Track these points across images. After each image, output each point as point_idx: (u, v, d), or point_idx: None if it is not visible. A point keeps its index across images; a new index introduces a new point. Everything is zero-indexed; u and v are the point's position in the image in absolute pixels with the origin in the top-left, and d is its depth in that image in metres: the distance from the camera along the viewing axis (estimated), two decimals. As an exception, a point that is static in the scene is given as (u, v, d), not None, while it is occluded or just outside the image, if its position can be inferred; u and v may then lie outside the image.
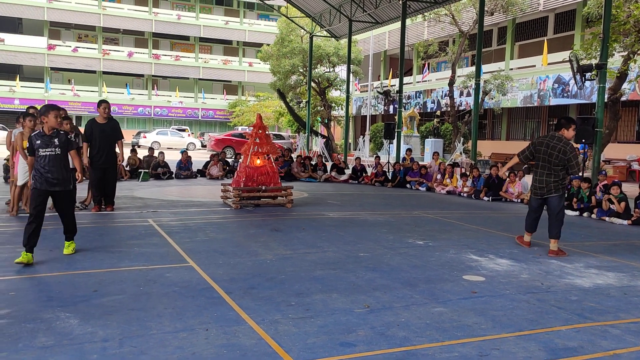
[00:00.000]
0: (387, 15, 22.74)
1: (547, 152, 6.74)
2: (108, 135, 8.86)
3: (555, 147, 6.68)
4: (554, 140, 6.73)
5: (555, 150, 6.65)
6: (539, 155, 6.83)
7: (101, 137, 8.79)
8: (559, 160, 6.62)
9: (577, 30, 23.39)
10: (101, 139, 8.79)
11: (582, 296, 4.87)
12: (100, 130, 8.81)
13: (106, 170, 8.87)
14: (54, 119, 5.65)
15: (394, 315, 4.19)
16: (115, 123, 9.12)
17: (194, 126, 50.49)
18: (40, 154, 5.58)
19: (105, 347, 3.42)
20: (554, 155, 6.67)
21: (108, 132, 8.86)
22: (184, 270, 5.34)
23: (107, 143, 8.87)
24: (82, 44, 47.96)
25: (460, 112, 25.24)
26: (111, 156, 8.92)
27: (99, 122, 8.91)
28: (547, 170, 6.76)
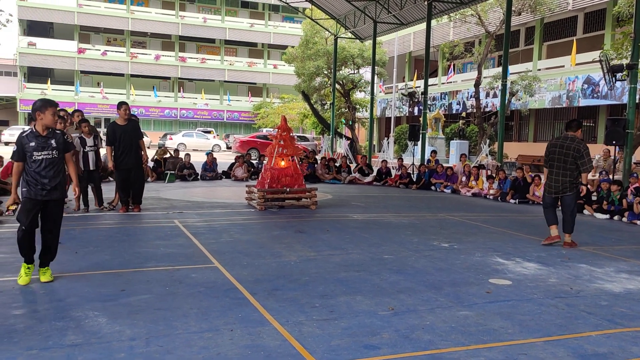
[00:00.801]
0: (412, 17, 22.59)
1: (562, 152, 7.12)
2: (130, 135, 8.91)
3: (570, 147, 7.07)
4: (567, 141, 7.13)
5: (571, 149, 7.04)
6: (553, 157, 7.24)
7: (123, 138, 8.83)
8: (574, 159, 7.02)
9: (607, 29, 22.87)
10: (124, 140, 8.84)
11: (612, 301, 4.76)
12: (122, 132, 8.86)
13: (130, 171, 8.90)
14: (52, 116, 4.81)
15: (418, 318, 4.16)
16: (135, 123, 9.14)
17: (219, 128, 50.98)
18: (35, 158, 4.74)
19: (132, 346, 3.47)
20: (570, 154, 7.05)
21: (130, 133, 8.92)
22: (209, 271, 5.39)
23: (130, 144, 8.92)
24: (110, 48, 48.93)
25: (486, 114, 24.92)
26: (135, 157, 8.95)
27: (120, 124, 8.95)
28: (562, 170, 7.15)
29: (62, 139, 4.91)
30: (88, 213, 8.85)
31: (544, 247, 7.15)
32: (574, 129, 7.21)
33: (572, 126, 7.24)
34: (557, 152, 7.18)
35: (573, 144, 7.07)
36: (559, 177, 7.18)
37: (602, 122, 22.53)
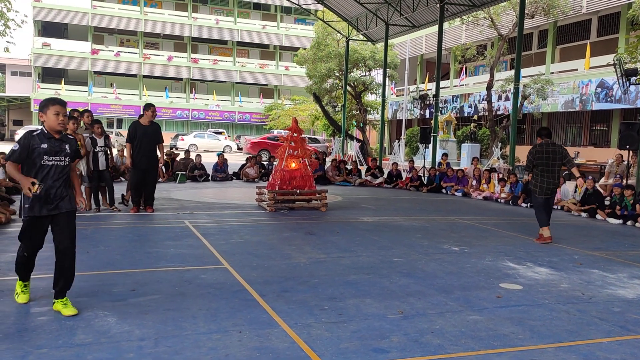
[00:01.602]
0: (424, 19, 22.53)
1: (549, 157, 7.86)
2: (150, 137, 9.02)
3: (555, 151, 7.90)
4: (551, 146, 7.91)
5: (557, 153, 7.87)
6: (542, 162, 7.88)
7: (143, 139, 8.94)
8: (560, 161, 7.86)
9: (621, 33, 22.65)
10: (143, 141, 8.94)
11: (625, 307, 4.70)
12: (143, 132, 8.97)
13: (146, 172, 9.02)
14: (54, 116, 4.07)
15: (428, 322, 4.13)
16: (157, 127, 9.29)
17: (231, 129, 51.16)
18: (44, 163, 4.03)
19: (141, 346, 3.48)
20: (557, 158, 7.87)
21: (150, 135, 9.03)
22: (219, 272, 5.40)
23: (149, 145, 9.03)
24: (124, 49, 49.29)
25: (498, 117, 24.77)
26: (152, 158, 9.07)
27: (143, 124, 9.07)
28: (552, 173, 7.88)
29: (76, 146, 4.31)
30: (99, 213, 8.91)
31: (555, 252, 7.08)
32: (550, 135, 8.05)
33: (548, 134, 8.05)
34: (546, 158, 7.85)
35: (557, 148, 7.91)
36: (551, 180, 7.88)
37: (615, 126, 22.29)
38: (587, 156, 23.11)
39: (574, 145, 25.21)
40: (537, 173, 7.95)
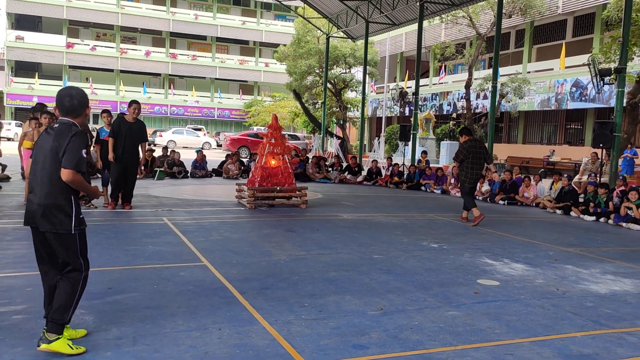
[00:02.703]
0: (404, 17, 22.64)
1: (477, 151, 9.21)
2: (134, 134, 8.94)
3: (480, 147, 9.37)
4: (477, 143, 9.42)
5: (482, 149, 9.35)
6: (473, 155, 9.15)
7: (127, 135, 8.85)
8: (484, 157, 9.30)
9: (596, 33, 23.09)
10: (127, 138, 8.85)
11: (598, 302, 4.81)
12: (128, 129, 8.88)
13: (127, 168, 8.94)
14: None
15: (407, 318, 4.17)
16: (142, 125, 9.20)
17: (210, 126, 50.78)
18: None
19: (119, 345, 3.45)
20: (482, 154, 9.27)
21: (135, 132, 8.95)
22: (198, 270, 5.37)
23: (132, 142, 8.94)
24: (100, 43, 48.52)
25: (477, 115, 25.05)
26: (134, 155, 9.01)
27: (128, 121, 8.97)
28: (479, 164, 9.25)
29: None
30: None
31: (531, 248, 7.21)
32: (471, 134, 9.57)
33: (469, 132, 9.57)
34: (474, 152, 9.16)
35: (481, 144, 9.47)
36: (478, 171, 9.30)
37: (589, 125, 22.73)
38: (562, 154, 23.53)
39: (549, 143, 25.63)
40: (467, 165, 9.19)
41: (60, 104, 3.43)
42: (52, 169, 3.31)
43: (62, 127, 3.37)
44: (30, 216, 3.36)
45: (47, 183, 3.32)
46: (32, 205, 3.35)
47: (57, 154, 3.29)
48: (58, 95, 3.46)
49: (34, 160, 3.43)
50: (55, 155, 3.30)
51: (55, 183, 3.31)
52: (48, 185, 3.31)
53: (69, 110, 3.42)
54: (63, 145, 3.28)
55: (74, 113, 3.43)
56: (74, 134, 3.33)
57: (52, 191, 3.31)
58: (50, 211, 3.29)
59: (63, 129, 3.36)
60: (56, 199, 3.31)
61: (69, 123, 3.40)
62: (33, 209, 3.34)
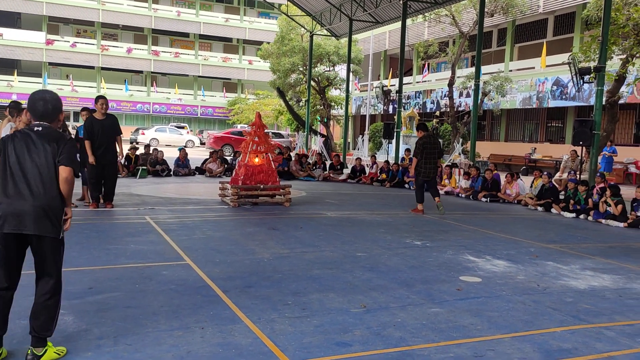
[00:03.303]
0: (387, 15, 22.72)
1: (433, 147, 9.79)
2: (107, 131, 8.79)
3: (435, 142, 9.94)
4: (432, 138, 10.02)
5: (436, 144, 9.95)
6: (428, 150, 9.67)
7: (101, 133, 8.71)
8: (438, 152, 9.87)
9: (576, 32, 23.39)
10: (101, 136, 8.72)
11: (577, 298, 4.88)
12: (100, 126, 8.73)
13: (105, 167, 8.80)
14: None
15: (390, 315, 4.19)
16: (114, 119, 9.05)
17: (193, 123, 50.43)
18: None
19: (99, 345, 3.41)
20: (436, 148, 9.85)
21: (107, 128, 8.80)
22: (181, 268, 5.34)
23: (107, 139, 8.79)
24: (80, 40, 47.85)
25: (460, 113, 25.23)
26: (110, 153, 8.86)
27: (98, 118, 8.82)
28: (433, 159, 9.77)
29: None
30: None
31: (513, 245, 7.29)
32: (427, 129, 9.99)
33: (426, 128, 10.01)
34: (429, 147, 9.70)
35: (436, 140, 10.02)
36: (432, 166, 9.76)
37: (570, 123, 23.04)
38: (543, 152, 23.82)
39: (531, 141, 25.93)
40: (421, 160, 9.70)
41: (33, 108, 3.30)
42: (49, 171, 3.21)
43: (51, 131, 3.29)
44: (17, 221, 3.14)
45: (44, 184, 3.19)
46: (19, 209, 3.13)
47: (54, 156, 3.21)
48: (31, 99, 3.31)
49: (10, 163, 3.20)
50: (53, 157, 3.21)
51: (54, 185, 3.22)
52: (45, 187, 3.19)
53: (42, 115, 3.30)
54: (60, 148, 3.23)
55: (48, 118, 3.32)
56: (70, 139, 3.32)
57: (51, 193, 3.21)
58: (47, 213, 3.18)
59: (53, 133, 3.29)
60: (54, 201, 3.22)
61: (53, 129, 3.32)
62: (22, 212, 3.13)
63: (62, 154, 3.23)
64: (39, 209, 3.15)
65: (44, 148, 3.21)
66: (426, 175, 9.78)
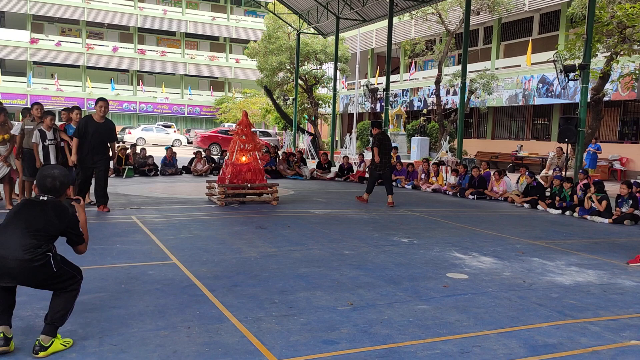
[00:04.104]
0: (374, 13, 22.76)
1: (388, 143, 10.79)
2: (102, 135, 8.37)
3: (388, 139, 10.93)
4: (386, 135, 11.09)
5: (389, 141, 10.91)
6: (382, 146, 10.55)
7: (95, 136, 8.28)
8: (391, 147, 11.04)
9: (561, 30, 23.60)
10: (94, 139, 8.28)
11: (562, 293, 4.93)
12: (96, 129, 8.30)
13: (94, 170, 8.47)
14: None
15: (377, 312, 4.20)
16: (111, 124, 8.66)
17: (180, 122, 50.16)
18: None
19: (84, 346, 3.38)
20: (389, 144, 10.86)
21: (102, 132, 8.38)
22: (167, 268, 5.30)
23: (100, 144, 8.38)
24: (65, 38, 47.35)
25: (447, 111, 25.37)
26: (103, 157, 8.46)
27: (96, 120, 8.39)
28: (388, 155, 10.66)
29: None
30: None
31: (499, 242, 7.34)
32: (381, 126, 10.97)
33: (380, 125, 11.08)
34: (385, 144, 10.56)
35: (388, 137, 11.09)
36: (388, 160, 10.58)
37: (555, 121, 23.25)
38: (530, 149, 24.02)
39: (517, 138, 26.13)
40: (383, 153, 10.50)
41: (42, 184, 3.42)
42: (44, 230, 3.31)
43: (58, 203, 3.41)
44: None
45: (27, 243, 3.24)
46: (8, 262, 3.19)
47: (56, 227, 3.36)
48: (40, 176, 3.45)
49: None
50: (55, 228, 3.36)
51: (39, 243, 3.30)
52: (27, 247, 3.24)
53: (50, 190, 3.43)
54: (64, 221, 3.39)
55: (56, 194, 3.44)
56: (73, 215, 3.47)
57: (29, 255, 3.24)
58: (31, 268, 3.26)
59: (59, 205, 3.41)
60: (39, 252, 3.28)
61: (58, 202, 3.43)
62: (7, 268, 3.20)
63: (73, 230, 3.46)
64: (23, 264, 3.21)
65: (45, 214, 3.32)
66: (382, 169, 10.53)
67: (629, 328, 4.06)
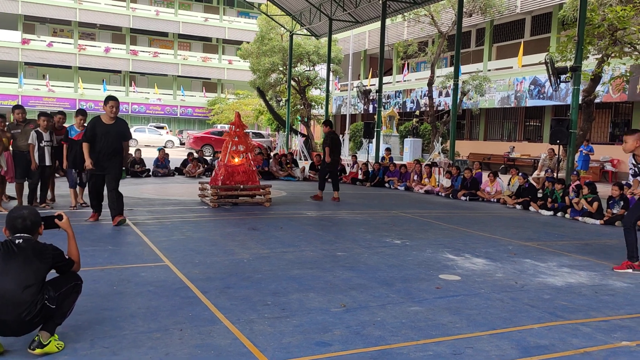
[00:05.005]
0: (367, 15, 22.79)
1: (337, 142, 11.04)
2: (113, 138, 7.54)
3: (337, 138, 11.28)
4: (336, 135, 11.34)
5: (339, 140, 11.21)
6: (334, 144, 10.91)
7: (104, 140, 7.46)
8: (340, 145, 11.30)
9: (553, 32, 23.75)
10: (104, 142, 7.46)
11: (554, 295, 4.95)
12: (105, 132, 7.47)
13: (105, 177, 7.61)
14: None
15: (370, 314, 4.20)
16: (123, 124, 7.77)
17: (173, 124, 50.01)
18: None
19: (76, 349, 3.35)
20: (339, 143, 11.14)
21: (113, 135, 7.54)
22: (159, 270, 5.28)
23: (111, 147, 7.52)
24: (57, 39, 47.09)
25: (439, 112, 25.44)
26: (113, 162, 7.58)
27: (105, 122, 7.55)
28: (338, 153, 11.08)
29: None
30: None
31: (492, 243, 7.36)
32: (332, 126, 11.33)
33: (331, 124, 11.36)
34: (335, 142, 10.85)
35: (338, 136, 11.31)
36: (337, 158, 10.99)
37: (547, 122, 23.38)
38: (522, 150, 24.13)
39: (510, 140, 26.26)
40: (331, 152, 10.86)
41: (13, 226, 3.36)
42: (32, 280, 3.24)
43: (36, 245, 3.34)
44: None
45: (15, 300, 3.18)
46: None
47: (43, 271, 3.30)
48: (9, 217, 3.38)
49: None
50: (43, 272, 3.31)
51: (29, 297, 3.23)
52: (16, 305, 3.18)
53: (22, 231, 3.36)
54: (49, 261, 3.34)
55: (29, 233, 3.38)
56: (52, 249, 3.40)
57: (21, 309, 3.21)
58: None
59: (38, 246, 3.34)
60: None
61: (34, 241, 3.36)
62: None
63: (60, 262, 3.44)
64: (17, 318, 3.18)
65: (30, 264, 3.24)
66: (331, 167, 11.03)
67: (620, 329, 4.08)
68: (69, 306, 3.43)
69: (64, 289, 3.39)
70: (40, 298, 3.22)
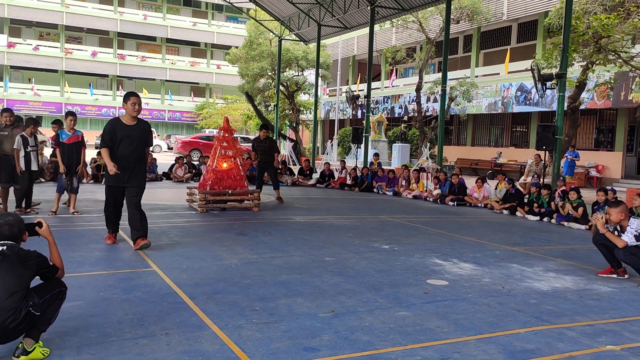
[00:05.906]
0: (355, 21, 22.91)
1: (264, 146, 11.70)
2: (135, 142, 6.39)
3: (273, 142, 12.16)
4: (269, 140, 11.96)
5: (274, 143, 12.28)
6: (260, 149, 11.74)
7: (126, 144, 6.32)
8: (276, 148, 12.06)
9: (539, 39, 24.02)
10: (125, 147, 6.32)
11: (540, 299, 4.99)
12: (126, 135, 6.33)
13: (125, 190, 6.56)
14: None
15: (358, 319, 4.21)
16: (146, 126, 6.64)
17: (161, 128, 49.76)
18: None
19: (62, 355, 3.32)
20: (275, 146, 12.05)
21: (136, 139, 6.39)
22: (147, 275, 5.25)
23: (134, 154, 6.38)
24: (43, 42, 46.71)
25: (427, 118, 25.59)
26: (136, 173, 6.48)
27: (126, 124, 6.41)
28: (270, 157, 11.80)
29: None
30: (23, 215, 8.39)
31: (479, 248, 7.41)
32: (268, 129, 12.01)
33: (268, 127, 12.19)
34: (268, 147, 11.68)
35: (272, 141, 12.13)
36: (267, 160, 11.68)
37: (534, 128, 23.60)
38: (509, 156, 24.35)
39: (497, 145, 26.48)
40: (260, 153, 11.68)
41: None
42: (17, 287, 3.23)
43: (20, 251, 3.34)
44: None
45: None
46: None
47: (27, 278, 3.30)
48: None
49: None
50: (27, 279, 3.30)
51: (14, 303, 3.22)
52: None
53: (9, 237, 3.38)
54: (33, 267, 3.34)
55: (14, 240, 3.40)
56: (36, 255, 3.40)
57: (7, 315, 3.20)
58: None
59: (22, 252, 3.34)
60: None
61: (17, 248, 3.37)
62: None
63: (44, 269, 3.44)
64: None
65: (14, 270, 3.23)
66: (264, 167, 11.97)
67: (605, 333, 4.13)
68: (53, 313, 3.41)
69: (49, 295, 3.37)
70: (24, 305, 3.19)
